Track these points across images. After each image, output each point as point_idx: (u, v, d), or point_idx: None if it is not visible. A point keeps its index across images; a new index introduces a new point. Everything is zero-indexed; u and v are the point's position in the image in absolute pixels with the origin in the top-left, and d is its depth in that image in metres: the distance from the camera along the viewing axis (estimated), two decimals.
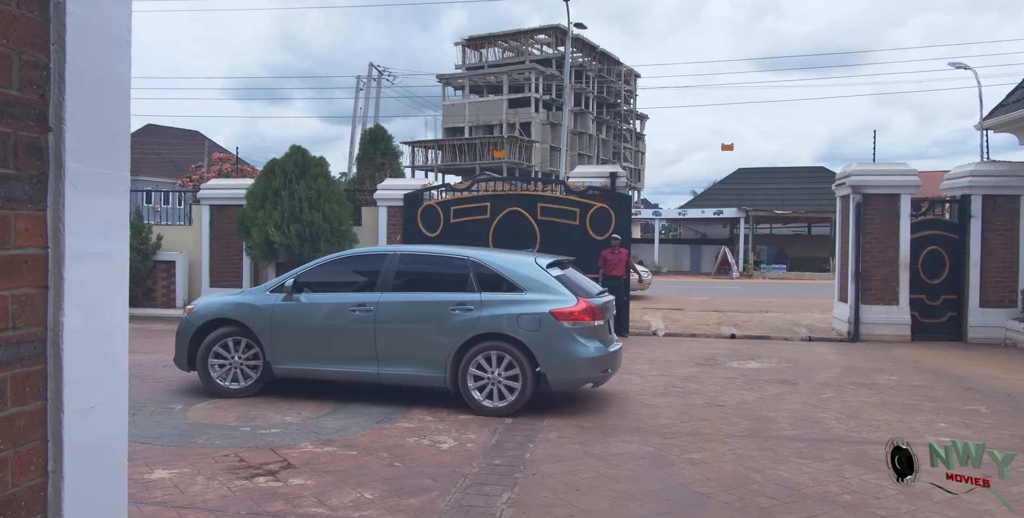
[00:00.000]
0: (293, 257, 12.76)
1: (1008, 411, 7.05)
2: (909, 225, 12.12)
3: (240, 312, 7.20)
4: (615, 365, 6.99)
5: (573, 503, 4.39)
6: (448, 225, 13.07)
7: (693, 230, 46.64)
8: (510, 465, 5.09)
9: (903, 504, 4.43)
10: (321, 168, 13.15)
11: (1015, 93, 12.92)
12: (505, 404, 6.45)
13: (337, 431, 5.94)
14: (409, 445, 5.57)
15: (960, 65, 33.69)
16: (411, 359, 6.73)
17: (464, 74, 60.64)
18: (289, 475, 4.81)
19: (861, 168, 12.63)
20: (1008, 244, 12.11)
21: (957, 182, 12.57)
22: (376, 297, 6.86)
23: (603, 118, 65.97)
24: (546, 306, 6.46)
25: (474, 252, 7.11)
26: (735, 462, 5.24)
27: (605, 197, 12.87)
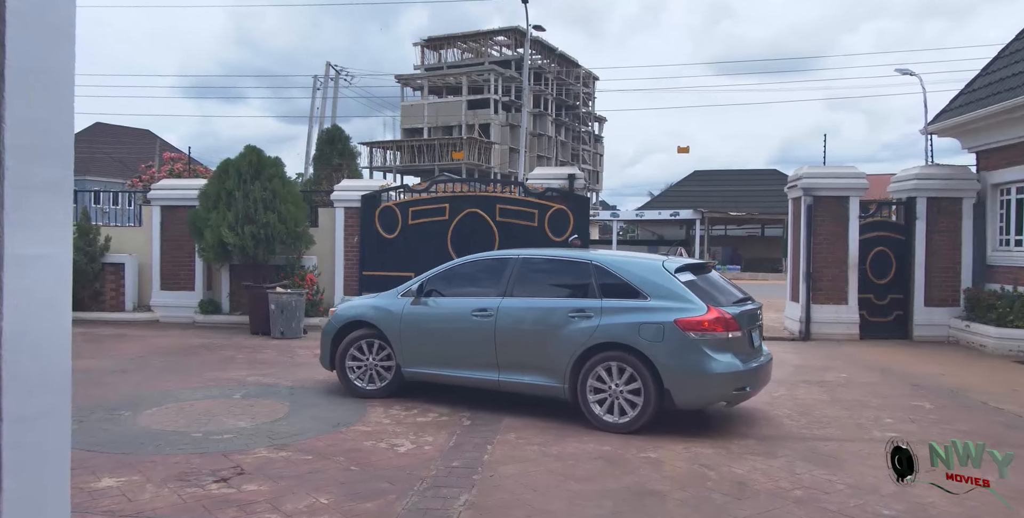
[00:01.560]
0: (247, 259, 12.55)
1: (951, 407, 7.29)
2: (858, 226, 12.45)
3: (374, 315, 7.29)
4: (755, 382, 6.24)
5: (530, 503, 4.40)
6: (406, 226, 13.01)
7: (650, 231, 47.19)
8: (468, 467, 5.09)
9: (851, 499, 4.55)
10: (277, 168, 12.95)
11: (958, 99, 13.39)
12: (625, 420, 5.99)
13: (292, 436, 5.86)
14: (366, 449, 5.52)
15: (906, 71, 34.73)
16: (530, 367, 6.46)
17: (423, 75, 60.37)
18: (242, 481, 4.73)
19: (812, 171, 12.93)
20: (951, 245, 12.53)
21: (903, 185, 12.96)
22: (496, 302, 6.66)
23: (562, 120, 66.32)
24: (671, 315, 5.91)
25: (598, 255, 6.83)
26: (690, 460, 5.32)
27: (563, 198, 12.94)
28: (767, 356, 6.60)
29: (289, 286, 12.35)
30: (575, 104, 68.43)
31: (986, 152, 12.84)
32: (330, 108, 40.01)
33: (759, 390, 6.50)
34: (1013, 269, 11.75)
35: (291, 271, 12.83)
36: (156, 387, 7.72)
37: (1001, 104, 11.38)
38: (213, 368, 8.91)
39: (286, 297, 11.70)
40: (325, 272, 13.37)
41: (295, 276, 12.73)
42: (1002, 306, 11.15)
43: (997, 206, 12.45)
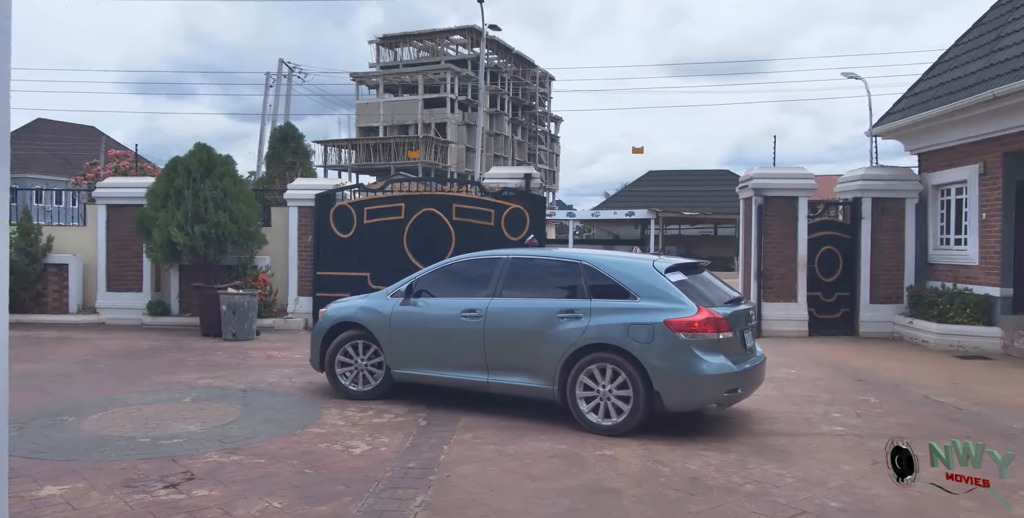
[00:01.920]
0: (198, 259, 12.28)
1: (896, 401, 7.53)
2: (806, 226, 12.76)
3: (363, 316, 7.21)
4: (748, 384, 6.18)
5: (487, 503, 4.40)
6: (361, 226, 12.88)
7: (606, 231, 47.60)
8: (424, 468, 5.06)
9: (800, 492, 4.66)
10: (228, 167, 12.69)
11: (901, 102, 13.82)
12: (611, 423, 5.91)
13: (244, 439, 5.75)
14: (321, 451, 5.45)
15: (852, 75, 35.73)
16: (520, 368, 6.38)
17: (379, 73, 59.83)
18: (192, 487, 4.62)
19: (762, 172, 13.21)
20: (895, 244, 12.93)
21: (849, 185, 13.33)
22: (485, 303, 6.59)
23: (518, 120, 66.46)
24: (660, 315, 5.82)
25: (588, 255, 6.72)
26: (645, 457, 5.38)
27: (520, 198, 12.96)
28: (760, 357, 6.53)
29: (241, 287, 12.12)
30: (531, 104, 68.64)
31: (927, 154, 13.28)
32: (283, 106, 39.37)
33: (752, 392, 6.42)
34: (952, 267, 12.18)
35: (243, 271, 12.60)
36: (102, 391, 7.50)
37: (941, 108, 11.78)
38: (162, 371, 8.69)
39: (238, 298, 11.48)
40: (278, 272, 13.16)
41: (247, 276, 12.50)
42: (942, 303, 11.56)
43: (938, 206, 12.89)
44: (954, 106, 11.39)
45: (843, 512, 4.34)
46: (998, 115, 10.77)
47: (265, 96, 39.32)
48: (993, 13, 12.77)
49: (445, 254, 12.72)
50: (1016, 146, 10.83)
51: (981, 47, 12.09)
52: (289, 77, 40.05)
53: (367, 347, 7.19)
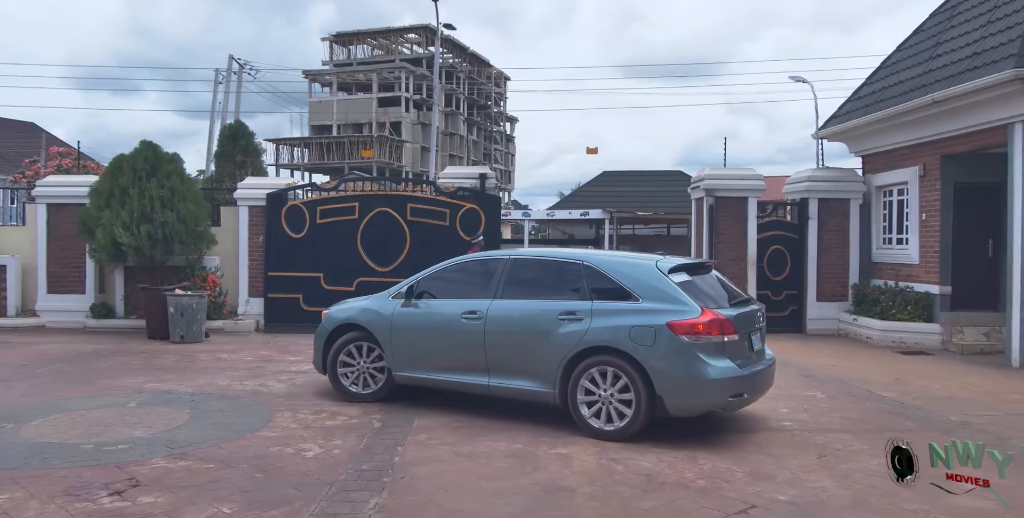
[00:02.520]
0: (144, 260, 11.96)
1: (841, 396, 7.74)
2: (756, 226, 13.03)
3: (365, 317, 7.11)
4: (754, 388, 5.99)
5: (442, 504, 4.39)
6: (314, 226, 12.72)
7: (561, 231, 47.81)
8: (378, 469, 5.02)
9: (749, 486, 4.76)
10: (175, 165, 12.38)
11: (846, 106, 14.22)
12: (613, 428, 5.76)
13: (192, 443, 5.62)
14: (272, 455, 5.36)
15: (799, 79, 36.64)
16: (521, 371, 6.23)
17: (332, 71, 59.09)
18: (138, 493, 4.50)
19: (713, 172, 13.45)
20: (840, 243, 13.30)
21: (796, 186, 13.66)
22: (486, 304, 6.45)
23: (474, 119, 66.39)
24: (663, 317, 5.66)
25: (589, 255, 6.61)
26: (599, 454, 5.43)
27: (475, 198, 12.95)
28: (770, 360, 6.39)
29: (190, 288, 11.85)
30: (487, 104, 68.64)
31: (870, 156, 13.69)
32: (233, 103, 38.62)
33: (759, 396, 6.26)
34: (895, 266, 12.58)
35: (192, 272, 12.32)
36: (42, 397, 7.24)
37: (883, 112, 12.15)
38: (106, 375, 8.44)
39: (186, 299, 11.21)
40: (228, 273, 12.89)
41: (196, 277, 12.22)
42: (885, 300, 11.93)
43: (880, 207, 13.30)
44: (895, 110, 11.76)
45: (791, 505, 4.45)
46: (937, 119, 11.16)
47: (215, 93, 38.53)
48: (932, 20, 13.23)
49: (400, 254, 12.69)
50: (954, 149, 11.24)
51: (921, 53, 12.51)
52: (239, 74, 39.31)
53: (369, 349, 7.09)
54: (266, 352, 10.33)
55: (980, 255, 11.67)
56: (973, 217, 11.55)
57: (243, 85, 39.88)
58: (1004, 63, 9.42)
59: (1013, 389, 8.24)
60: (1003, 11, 10.65)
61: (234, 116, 35.39)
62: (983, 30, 10.79)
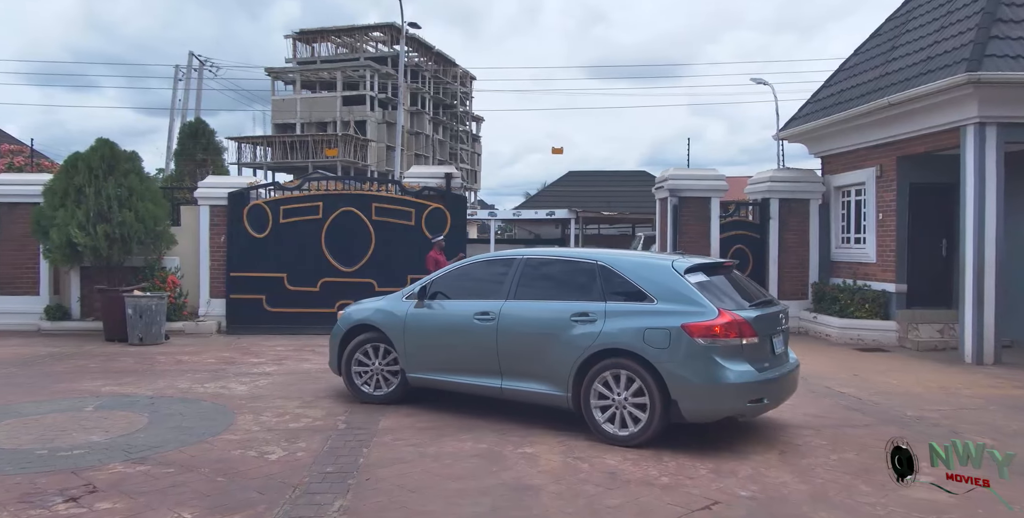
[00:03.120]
0: (101, 260, 11.69)
1: (801, 392, 7.81)
2: (719, 225, 13.22)
3: (379, 318, 7.02)
4: (775, 394, 5.78)
5: (407, 505, 4.37)
6: (277, 225, 12.56)
7: (527, 230, 47.90)
8: (343, 472, 4.98)
9: (713, 482, 4.83)
10: (133, 163, 12.14)
11: (805, 108, 14.48)
12: (626, 434, 5.60)
13: (152, 448, 5.50)
14: (234, 458, 5.28)
15: (760, 81, 37.25)
16: (533, 374, 6.08)
17: (295, 68, 58.33)
18: (95, 500, 4.39)
19: (677, 173, 13.60)
20: (801, 243, 13.55)
21: (758, 187, 13.88)
22: (498, 305, 6.32)
23: (439, 119, 66.15)
24: (678, 319, 5.47)
25: (604, 255, 6.41)
26: (564, 453, 5.45)
27: (441, 198, 12.92)
28: (793, 364, 6.20)
29: (148, 289, 11.62)
30: (453, 103, 68.44)
31: (829, 157, 13.97)
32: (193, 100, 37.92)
33: (782, 402, 6.07)
34: (852, 264, 12.86)
35: (151, 273, 12.08)
36: None
37: (840, 114, 12.41)
38: (62, 379, 8.23)
39: (145, 301, 10.99)
40: (189, 273, 12.66)
41: (155, 278, 11.99)
42: (844, 298, 12.19)
43: (839, 207, 13.58)
44: (852, 112, 12.02)
45: (752, 500, 4.52)
46: (893, 121, 11.43)
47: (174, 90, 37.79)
48: (888, 25, 13.55)
49: (365, 254, 12.61)
50: (909, 150, 11.53)
51: (878, 57, 12.81)
52: (200, 71, 38.62)
53: (384, 351, 7.00)
54: (228, 354, 10.18)
55: (934, 254, 11.99)
56: (928, 217, 11.87)
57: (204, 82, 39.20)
58: (956, 67, 9.69)
59: (965, 384, 8.48)
60: (956, 17, 10.95)
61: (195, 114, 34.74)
62: (936, 35, 11.08)
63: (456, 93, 68.80)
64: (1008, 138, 9.84)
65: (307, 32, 60.58)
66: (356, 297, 12.55)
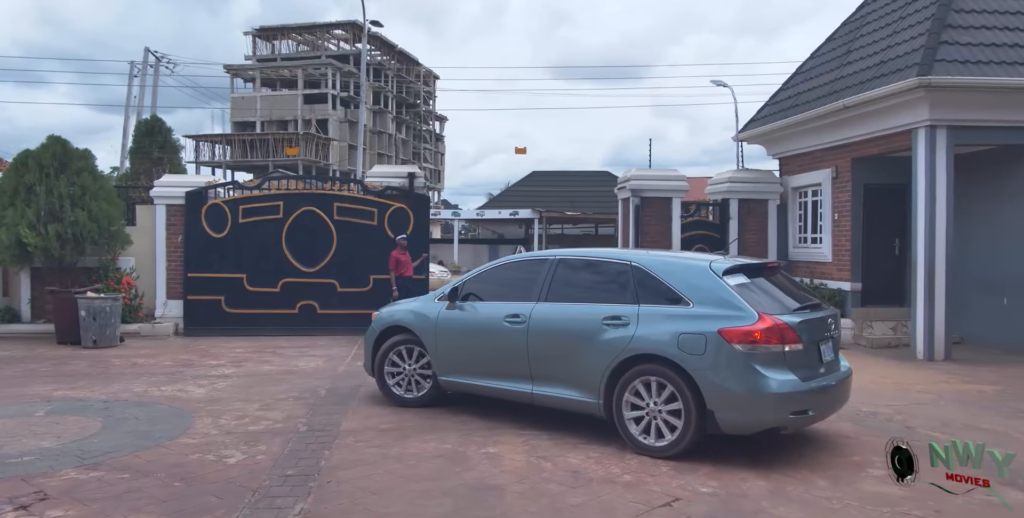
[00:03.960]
0: (52, 261, 11.38)
1: None
2: (680, 225, 13.38)
3: (411, 320, 6.91)
4: (822, 405, 5.40)
5: (370, 507, 4.33)
6: (236, 225, 12.35)
7: (491, 230, 47.93)
8: (304, 475, 4.91)
9: (673, 479, 4.88)
10: (86, 161, 11.84)
11: (763, 110, 14.74)
12: (659, 444, 5.31)
13: (106, 453, 5.37)
14: (192, 462, 5.17)
15: (720, 83, 37.80)
16: (564, 380, 5.84)
17: (255, 66, 57.42)
18: (46, 507, 4.27)
19: (639, 173, 13.73)
20: (759, 242, 13.78)
21: (718, 187, 14.09)
22: (529, 307, 6.12)
23: (402, 118, 65.74)
24: (715, 323, 5.16)
25: (638, 255, 6.10)
26: (528, 453, 5.46)
27: (404, 197, 12.85)
28: (844, 373, 5.80)
29: (103, 290, 11.34)
30: (416, 102, 68.08)
31: (787, 158, 14.24)
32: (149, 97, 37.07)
33: (830, 414, 5.71)
34: (810, 263, 13.13)
35: (105, 274, 11.80)
36: None
37: (797, 116, 12.66)
38: (10, 384, 7.98)
39: (99, 302, 10.71)
40: (145, 274, 12.38)
41: (109, 279, 11.71)
42: None
43: (796, 207, 13.85)
44: (809, 114, 12.27)
45: (713, 496, 4.58)
46: (848, 123, 11.70)
47: (129, 86, 36.89)
48: (843, 29, 13.86)
49: (327, 254, 12.48)
50: (864, 152, 11.80)
51: (833, 60, 13.09)
52: (156, 67, 37.76)
53: (417, 353, 6.88)
54: (186, 356, 9.98)
55: (888, 253, 12.30)
56: (881, 217, 12.17)
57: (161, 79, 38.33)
58: (908, 71, 9.95)
59: (917, 380, 8.71)
60: (908, 22, 11.25)
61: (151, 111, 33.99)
62: (890, 40, 11.37)
63: (419, 92, 68.47)
64: (958, 140, 10.14)
65: (267, 29, 59.69)
66: (318, 298, 12.56)
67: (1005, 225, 10.73)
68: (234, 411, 6.72)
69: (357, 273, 12.36)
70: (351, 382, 8.17)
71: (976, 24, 10.43)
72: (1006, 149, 10.61)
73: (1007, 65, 9.88)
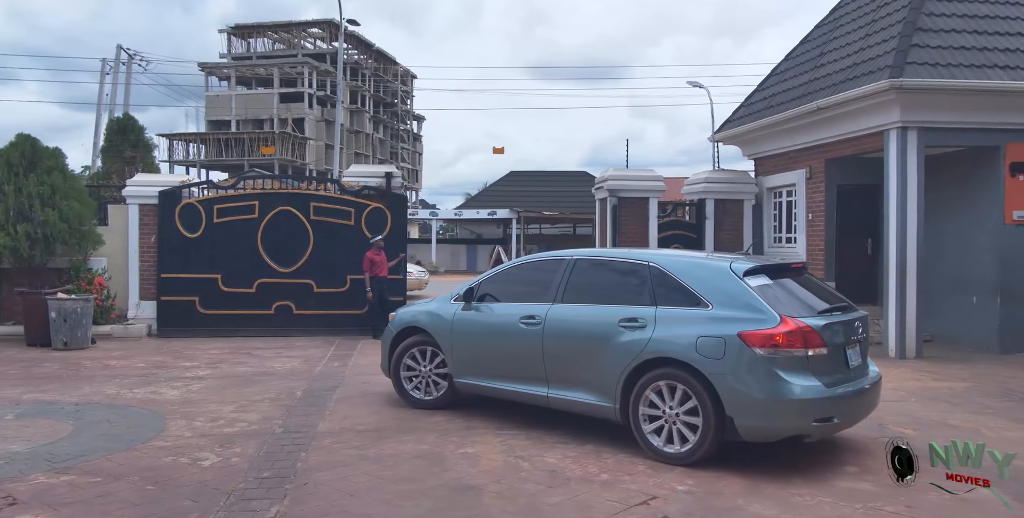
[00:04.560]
0: (22, 262, 11.16)
1: None
2: (657, 225, 13.45)
3: (427, 320, 6.83)
4: (848, 412, 5.19)
5: (347, 509, 4.30)
6: (211, 225, 12.21)
7: (469, 230, 47.90)
8: (280, 477, 4.87)
9: (651, 478, 4.91)
10: (56, 160, 11.64)
11: (739, 111, 14.87)
12: (676, 451, 5.15)
13: (77, 457, 5.28)
14: (165, 465, 5.11)
15: (696, 84, 38.13)
16: (580, 383, 5.71)
17: (230, 64, 56.79)
18: (15, 512, 4.19)
19: (616, 174, 13.79)
20: (735, 241, 13.91)
21: (694, 187, 14.19)
22: (545, 309, 6.00)
23: (380, 117, 65.40)
24: (734, 326, 4.99)
25: (656, 255, 5.98)
26: (506, 452, 5.46)
27: (381, 197, 12.78)
28: (872, 378, 5.58)
29: (74, 291, 11.16)
30: (393, 102, 67.77)
31: (762, 159, 14.38)
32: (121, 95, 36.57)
33: (857, 421, 5.47)
34: None
35: (76, 274, 11.59)
36: None
37: (772, 117, 12.79)
38: None
39: (70, 303, 10.54)
40: (117, 275, 12.19)
41: (81, 280, 11.52)
42: None
43: (771, 207, 13.99)
44: (783, 116, 12.40)
45: (689, 494, 4.61)
46: (821, 125, 11.84)
47: (101, 84, 36.38)
48: (817, 31, 14.03)
49: (303, 254, 12.38)
50: (837, 153, 11.96)
51: (807, 62, 13.24)
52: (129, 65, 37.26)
53: (433, 354, 6.79)
54: (159, 358, 9.85)
55: (860, 253, 12.48)
56: (854, 217, 12.34)
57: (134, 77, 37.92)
58: (880, 74, 10.10)
59: (889, 378, 8.78)
60: (880, 25, 11.42)
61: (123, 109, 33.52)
62: (862, 42, 11.53)
63: (397, 91, 68.17)
64: (928, 142, 10.31)
65: (243, 27, 59.08)
66: (294, 298, 12.46)
67: (973, 224, 10.93)
68: (209, 413, 6.64)
69: (334, 273, 12.28)
70: (328, 383, 8.12)
71: (946, 27, 10.62)
72: (974, 150, 10.81)
73: (976, 68, 10.07)
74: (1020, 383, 8.29)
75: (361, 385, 8.02)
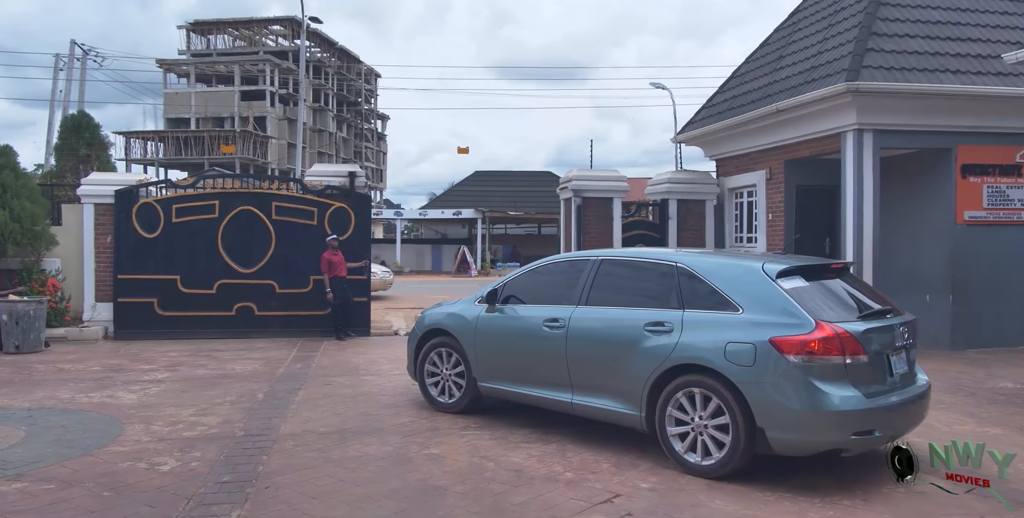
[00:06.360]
0: None
1: None
2: (621, 225, 13.55)
3: (451, 322, 6.72)
4: (891, 424, 4.81)
5: (309, 513, 4.26)
6: (169, 225, 11.97)
7: (434, 230, 47.72)
8: (241, 481, 4.80)
9: (615, 476, 4.95)
10: (7, 158, 11.33)
11: (700, 112, 15.06)
12: (705, 463, 4.88)
13: (29, 463, 5.14)
14: (122, 471, 4.99)
15: (659, 85, 38.47)
16: (605, 389, 5.48)
17: (190, 61, 55.69)
18: None
19: (580, 174, 13.86)
20: (697, 241, 14.09)
21: (657, 188, 14.33)
22: (568, 311, 5.80)
23: (344, 116, 64.80)
24: (766, 332, 4.69)
25: (685, 256, 5.61)
26: (470, 453, 5.46)
27: (344, 197, 12.66)
28: (921, 387, 5.19)
29: (26, 293, 10.86)
30: (357, 100, 67.20)
31: (724, 160, 14.58)
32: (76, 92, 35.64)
33: (902, 434, 4.97)
34: None
35: (28, 276, 11.29)
36: None
37: (733, 119, 12.98)
38: None
39: (22, 305, 10.24)
40: (72, 276, 11.89)
41: (33, 281, 11.21)
42: None
43: (733, 207, 14.19)
44: (744, 117, 12.59)
45: (652, 492, 4.65)
46: (781, 126, 12.05)
47: (55, 80, 35.41)
48: (777, 35, 14.28)
49: (264, 255, 12.21)
50: (796, 154, 12.18)
51: (767, 65, 13.47)
52: (83, 60, 36.33)
53: (452, 356, 6.69)
54: (116, 361, 9.63)
55: (819, 252, 12.71)
56: (813, 217, 12.57)
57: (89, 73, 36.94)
58: (837, 77, 10.31)
59: None
60: (837, 29, 11.66)
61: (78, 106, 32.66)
62: (820, 46, 11.77)
63: (361, 90, 67.60)
64: (884, 144, 10.56)
65: (202, 23, 57.99)
66: (255, 299, 12.28)
67: (925, 224, 11.22)
68: (167, 417, 6.52)
69: (296, 274, 12.13)
70: (290, 385, 8.02)
71: (900, 32, 10.89)
72: (928, 152, 11.09)
73: (928, 72, 10.35)
74: (970, 378, 8.53)
75: (324, 387, 7.95)
